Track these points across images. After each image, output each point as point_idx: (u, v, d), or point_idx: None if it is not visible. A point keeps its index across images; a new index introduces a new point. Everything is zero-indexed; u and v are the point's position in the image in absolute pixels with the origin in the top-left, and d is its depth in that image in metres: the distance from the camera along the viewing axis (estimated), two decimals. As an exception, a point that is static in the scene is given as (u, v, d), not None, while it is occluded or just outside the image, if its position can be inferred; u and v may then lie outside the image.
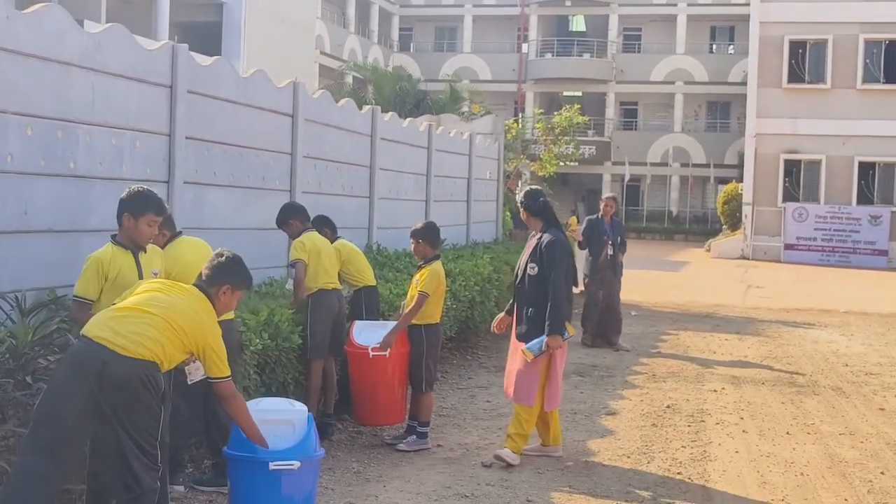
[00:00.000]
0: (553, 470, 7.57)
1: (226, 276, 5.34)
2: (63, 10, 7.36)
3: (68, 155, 7.30)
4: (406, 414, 8.28)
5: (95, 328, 4.98)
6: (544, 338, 7.74)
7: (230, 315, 6.40)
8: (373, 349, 7.90)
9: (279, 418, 5.62)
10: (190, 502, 6.38)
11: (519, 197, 8.31)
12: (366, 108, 13.62)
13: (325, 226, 8.94)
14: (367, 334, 8.06)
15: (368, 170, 13.19)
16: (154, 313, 5.01)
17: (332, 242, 8.72)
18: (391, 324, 8.18)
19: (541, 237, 7.94)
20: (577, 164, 39.25)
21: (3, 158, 6.64)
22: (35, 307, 6.41)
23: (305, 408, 5.74)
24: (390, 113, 14.79)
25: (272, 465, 5.29)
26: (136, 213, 5.93)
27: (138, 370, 4.87)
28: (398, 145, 14.29)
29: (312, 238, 8.39)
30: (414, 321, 8.02)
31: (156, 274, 6.05)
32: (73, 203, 7.38)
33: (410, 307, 8.03)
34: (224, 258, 5.44)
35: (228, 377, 5.19)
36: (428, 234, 8.32)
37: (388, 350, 7.90)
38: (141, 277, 5.74)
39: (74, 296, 5.69)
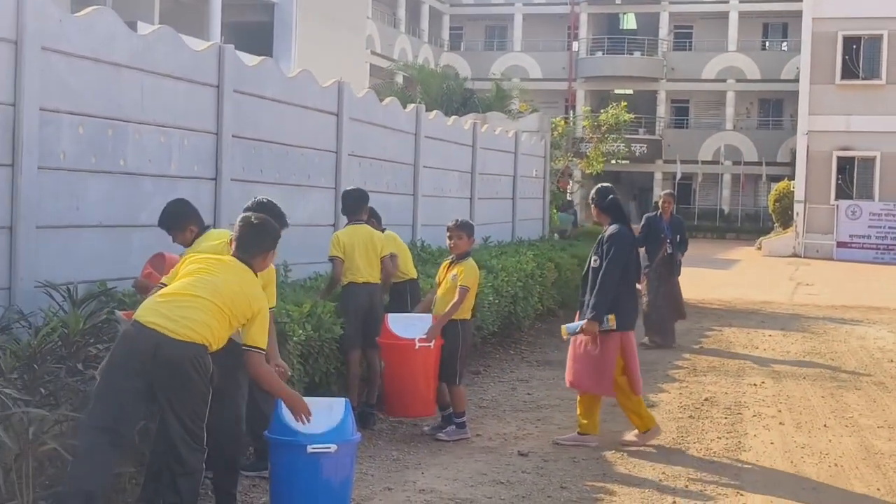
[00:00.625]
0: (588, 459, 7.72)
1: (263, 243, 5.54)
2: (113, 13, 7.64)
3: (118, 153, 7.58)
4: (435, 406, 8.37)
5: (147, 313, 5.22)
6: (584, 321, 8.02)
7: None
8: (420, 340, 8.01)
9: (318, 404, 5.83)
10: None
11: (591, 194, 8.55)
12: (410, 106, 13.82)
13: (372, 217, 9.10)
14: (404, 326, 8.13)
15: (412, 167, 13.40)
16: (202, 296, 5.24)
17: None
18: (424, 316, 8.22)
19: (605, 231, 8.18)
20: (627, 162, 39.25)
21: (56, 156, 6.92)
22: (86, 298, 6.68)
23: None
24: (434, 111, 15.00)
25: (310, 449, 5.50)
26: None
27: (188, 353, 5.12)
28: (442, 143, 14.49)
29: (350, 232, 8.58)
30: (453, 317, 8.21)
31: None
32: (123, 199, 7.66)
33: (454, 301, 8.17)
34: (257, 224, 5.54)
35: (263, 350, 5.38)
36: (471, 230, 8.44)
37: (433, 342, 8.05)
38: None
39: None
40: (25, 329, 6.13)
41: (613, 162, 28.77)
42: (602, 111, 26.69)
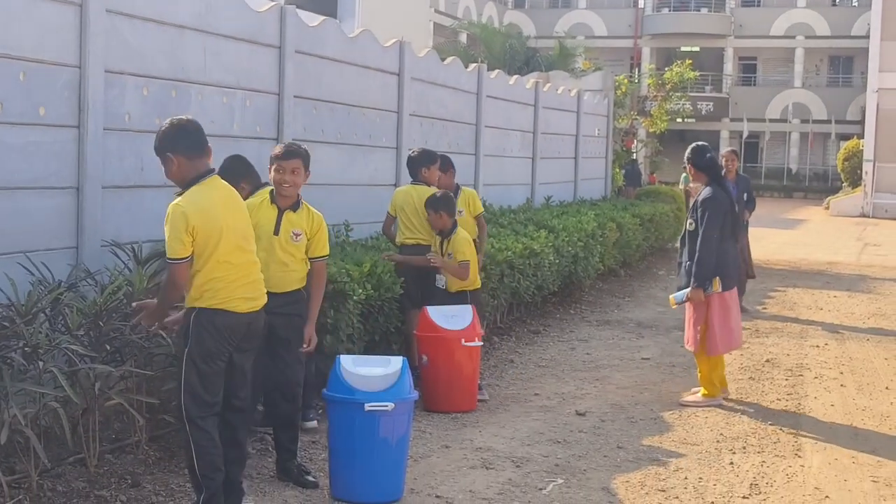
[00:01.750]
0: (646, 419, 7.74)
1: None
2: (176, -25, 7.72)
3: (182, 113, 7.62)
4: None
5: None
6: (689, 289, 8.19)
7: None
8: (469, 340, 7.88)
9: (375, 363, 5.93)
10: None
11: (686, 153, 8.56)
12: (472, 65, 13.80)
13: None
14: (445, 318, 7.85)
15: (474, 127, 13.39)
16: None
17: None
18: (463, 308, 7.98)
19: (700, 193, 8.34)
20: (693, 120, 38.77)
21: (121, 117, 7.04)
22: (150, 257, 6.81)
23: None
24: (496, 71, 14.95)
25: (367, 407, 5.58)
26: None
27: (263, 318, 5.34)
28: (504, 103, 14.45)
29: (406, 190, 8.61)
30: (460, 287, 8.19)
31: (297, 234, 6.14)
32: (186, 160, 7.76)
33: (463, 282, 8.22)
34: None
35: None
36: (449, 205, 8.27)
37: (479, 339, 7.94)
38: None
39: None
40: (92, 287, 6.27)
41: (679, 120, 28.48)
42: (667, 69, 26.35)
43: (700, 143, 8.72)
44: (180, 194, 5.11)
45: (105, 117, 6.84)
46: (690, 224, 8.30)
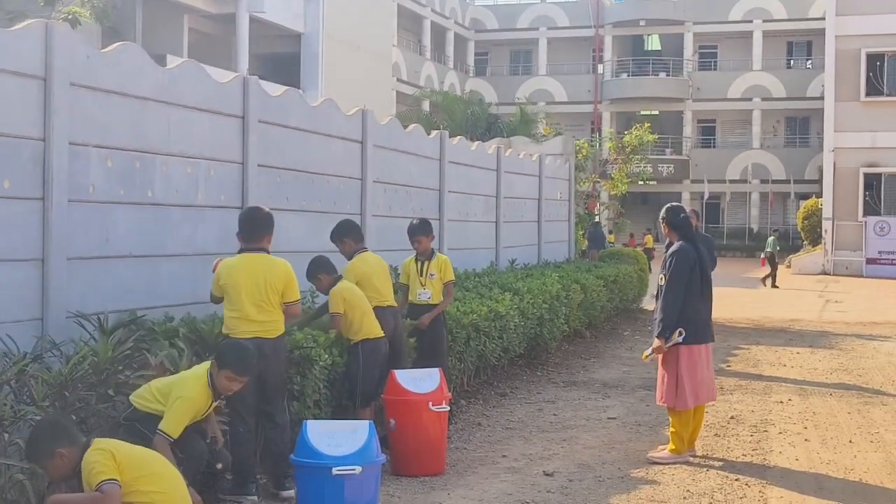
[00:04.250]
0: (614, 478, 7.78)
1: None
2: (139, 48, 7.84)
3: (146, 184, 7.75)
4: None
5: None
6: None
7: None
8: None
9: (342, 426, 5.96)
10: (263, 509, 6.71)
11: (661, 213, 8.90)
12: (434, 132, 13.97)
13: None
14: (413, 381, 7.86)
15: (438, 193, 13.54)
16: None
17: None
18: (430, 371, 8.04)
19: (668, 250, 8.75)
20: (655, 182, 39.23)
21: (85, 188, 7.10)
22: (116, 327, 6.84)
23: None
24: (458, 137, 15.16)
25: (335, 471, 5.61)
26: (220, 365, 5.97)
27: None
28: (467, 168, 14.63)
29: (363, 259, 8.63)
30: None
31: None
32: (151, 229, 7.83)
33: (448, 297, 9.43)
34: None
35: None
36: (427, 230, 9.54)
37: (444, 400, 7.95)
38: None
39: (161, 430, 5.68)
40: (57, 358, 6.28)
41: (640, 183, 28.88)
42: (626, 132, 26.78)
43: (675, 203, 9.17)
44: None
45: (69, 189, 6.90)
46: (661, 278, 8.51)
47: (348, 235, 8.70)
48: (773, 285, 29.29)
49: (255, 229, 7.11)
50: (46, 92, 6.72)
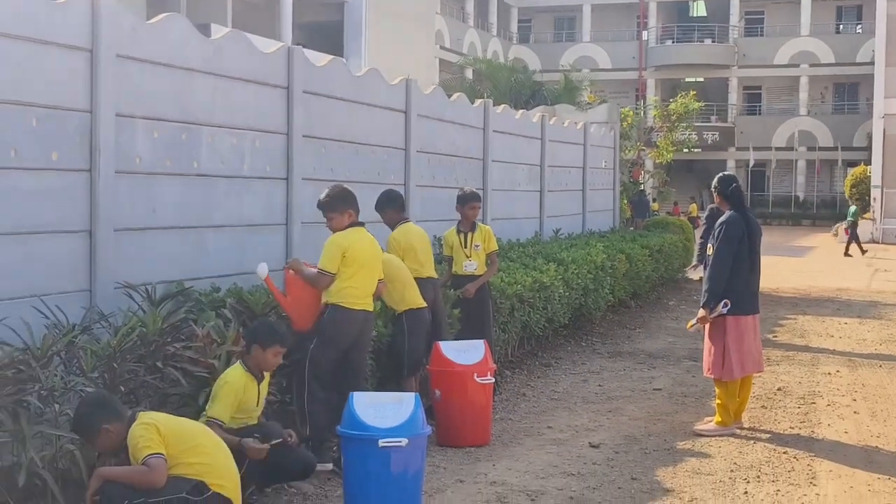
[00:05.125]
0: (660, 450, 7.75)
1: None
2: (184, 19, 7.83)
3: (192, 155, 7.77)
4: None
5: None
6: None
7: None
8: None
9: (388, 398, 5.97)
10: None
11: (713, 182, 8.82)
12: (478, 101, 13.89)
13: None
14: (457, 352, 7.88)
15: (481, 162, 13.47)
16: None
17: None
18: (475, 343, 8.06)
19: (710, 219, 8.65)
20: (699, 150, 38.87)
21: (132, 160, 7.12)
22: (164, 298, 6.88)
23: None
24: (502, 105, 15.06)
25: (381, 443, 5.61)
26: (264, 345, 6.04)
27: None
28: (511, 137, 14.53)
29: (404, 231, 8.60)
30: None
31: None
32: (197, 201, 7.85)
33: (494, 266, 9.46)
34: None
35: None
36: (477, 199, 9.65)
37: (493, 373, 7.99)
38: (258, 405, 6.08)
39: (209, 417, 5.79)
40: (106, 329, 6.33)
41: (685, 150, 28.58)
42: (671, 100, 26.49)
43: (727, 173, 9.11)
44: None
45: (116, 160, 6.92)
46: (709, 249, 8.46)
47: (390, 205, 8.67)
48: (862, 251, 28.94)
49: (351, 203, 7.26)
50: (93, 64, 6.74)
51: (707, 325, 8.43)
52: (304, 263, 7.15)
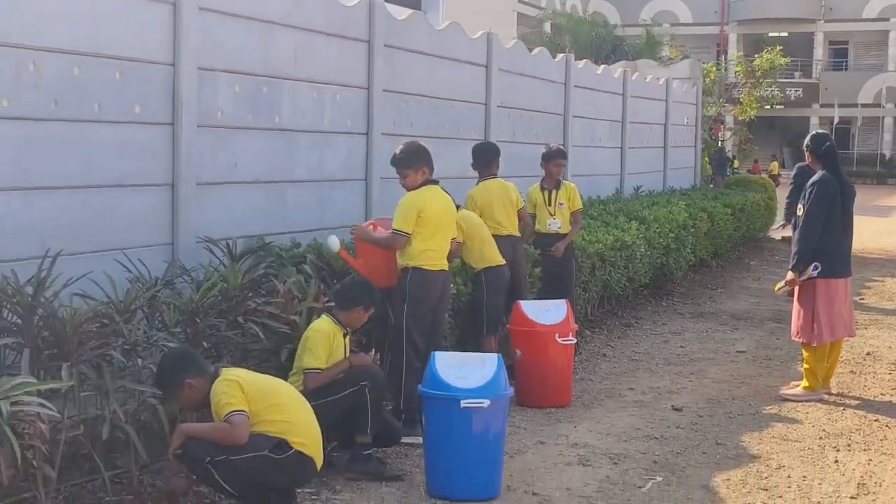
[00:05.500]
0: (745, 415, 7.57)
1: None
2: (266, -28, 7.75)
3: (273, 109, 7.71)
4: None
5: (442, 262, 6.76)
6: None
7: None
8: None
9: (470, 358, 5.87)
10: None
11: (806, 141, 8.55)
12: (559, 56, 13.66)
13: None
14: (539, 312, 7.76)
15: (562, 118, 13.27)
16: None
17: None
18: (557, 303, 7.91)
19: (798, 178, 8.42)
20: (782, 107, 38.06)
21: (213, 114, 7.08)
22: (244, 253, 6.86)
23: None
24: (584, 60, 14.82)
25: (463, 403, 5.53)
26: (351, 305, 6.04)
27: None
28: (592, 92, 14.29)
29: (483, 188, 8.46)
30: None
31: None
32: (278, 155, 7.80)
33: (577, 226, 9.35)
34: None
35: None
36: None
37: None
38: (345, 356, 6.03)
39: (306, 369, 5.79)
40: (188, 284, 6.32)
41: (767, 107, 27.91)
42: (756, 56, 25.84)
43: (820, 131, 8.84)
44: None
45: (198, 114, 6.89)
46: (800, 209, 8.19)
47: (481, 158, 8.59)
48: None
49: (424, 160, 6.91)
50: (176, 16, 6.68)
51: (796, 288, 8.20)
52: (371, 224, 7.04)
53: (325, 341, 5.83)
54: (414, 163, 6.82)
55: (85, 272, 5.67)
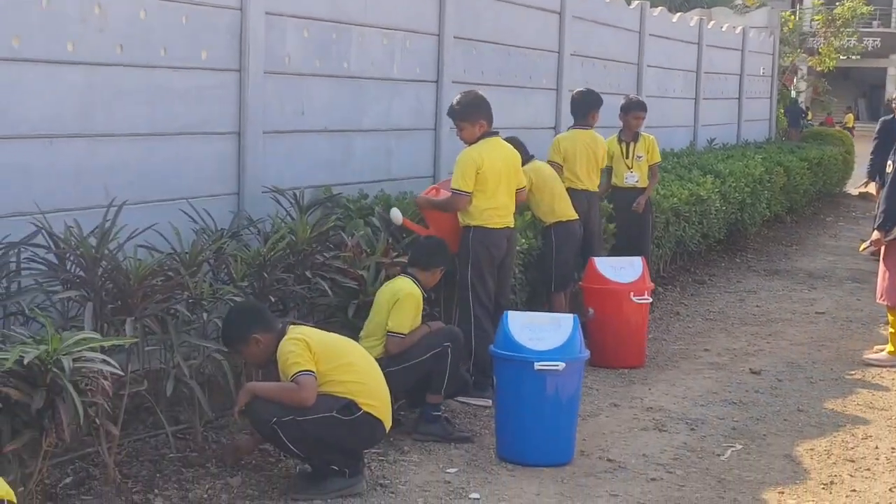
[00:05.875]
0: (826, 380, 7.28)
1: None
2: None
3: (342, 56, 7.49)
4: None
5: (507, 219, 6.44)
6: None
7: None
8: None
9: (545, 319, 5.66)
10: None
11: (893, 94, 8.11)
12: (634, 3, 13.25)
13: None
14: (614, 270, 7.52)
15: (636, 67, 12.89)
16: None
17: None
18: (632, 260, 7.65)
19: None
20: (858, 57, 36.96)
21: (281, 60, 6.87)
22: (311, 204, 6.67)
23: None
24: (659, 8, 14.38)
25: (537, 366, 5.31)
26: (426, 267, 5.91)
27: None
28: (667, 41, 13.85)
29: (572, 136, 8.22)
30: None
31: None
32: (346, 103, 7.58)
33: (655, 180, 9.07)
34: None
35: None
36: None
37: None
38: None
39: (391, 330, 5.63)
40: (254, 235, 6.15)
41: (842, 57, 27.06)
42: (837, 3, 24.99)
43: None
44: None
45: (266, 60, 6.68)
46: (889, 166, 7.81)
47: (579, 107, 8.40)
48: None
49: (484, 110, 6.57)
50: (240, -41, 6.46)
51: (882, 249, 7.84)
52: (433, 188, 6.77)
53: (418, 306, 5.71)
54: (471, 115, 6.48)
55: (150, 223, 5.50)
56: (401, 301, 5.63)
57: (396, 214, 6.50)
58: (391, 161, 8.12)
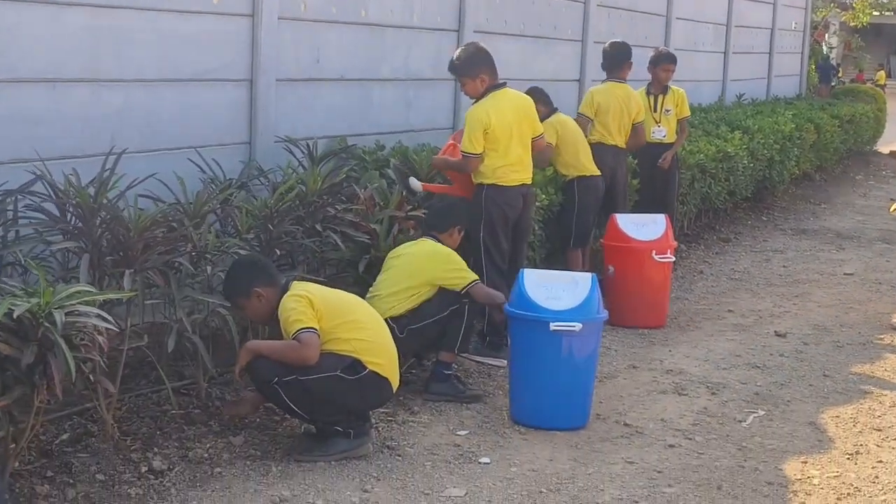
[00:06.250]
0: (854, 344, 7.06)
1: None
2: None
3: (360, 3, 7.25)
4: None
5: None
6: None
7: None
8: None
9: (562, 277, 5.46)
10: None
11: None
12: (664, -48, 12.90)
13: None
14: (636, 227, 7.28)
15: (664, 19, 12.59)
16: None
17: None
18: (655, 217, 7.41)
19: None
20: (892, 13, 36.24)
21: (297, 5, 6.65)
22: (325, 154, 6.48)
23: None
24: (690, -43, 13.98)
25: (553, 326, 5.12)
26: (442, 229, 5.74)
27: None
28: (697, -8, 13.52)
29: (606, 90, 8.01)
30: None
31: None
32: (364, 52, 7.36)
33: (684, 135, 8.93)
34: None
35: None
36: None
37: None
38: None
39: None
40: (264, 186, 5.97)
41: (875, 13, 26.51)
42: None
43: None
44: None
45: (280, 5, 6.46)
46: None
47: (611, 58, 8.18)
48: None
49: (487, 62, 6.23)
50: None
51: None
52: (450, 143, 6.51)
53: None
54: (471, 69, 6.15)
55: (153, 173, 5.31)
56: (447, 253, 5.63)
57: (415, 183, 6.29)
58: (410, 112, 7.91)
